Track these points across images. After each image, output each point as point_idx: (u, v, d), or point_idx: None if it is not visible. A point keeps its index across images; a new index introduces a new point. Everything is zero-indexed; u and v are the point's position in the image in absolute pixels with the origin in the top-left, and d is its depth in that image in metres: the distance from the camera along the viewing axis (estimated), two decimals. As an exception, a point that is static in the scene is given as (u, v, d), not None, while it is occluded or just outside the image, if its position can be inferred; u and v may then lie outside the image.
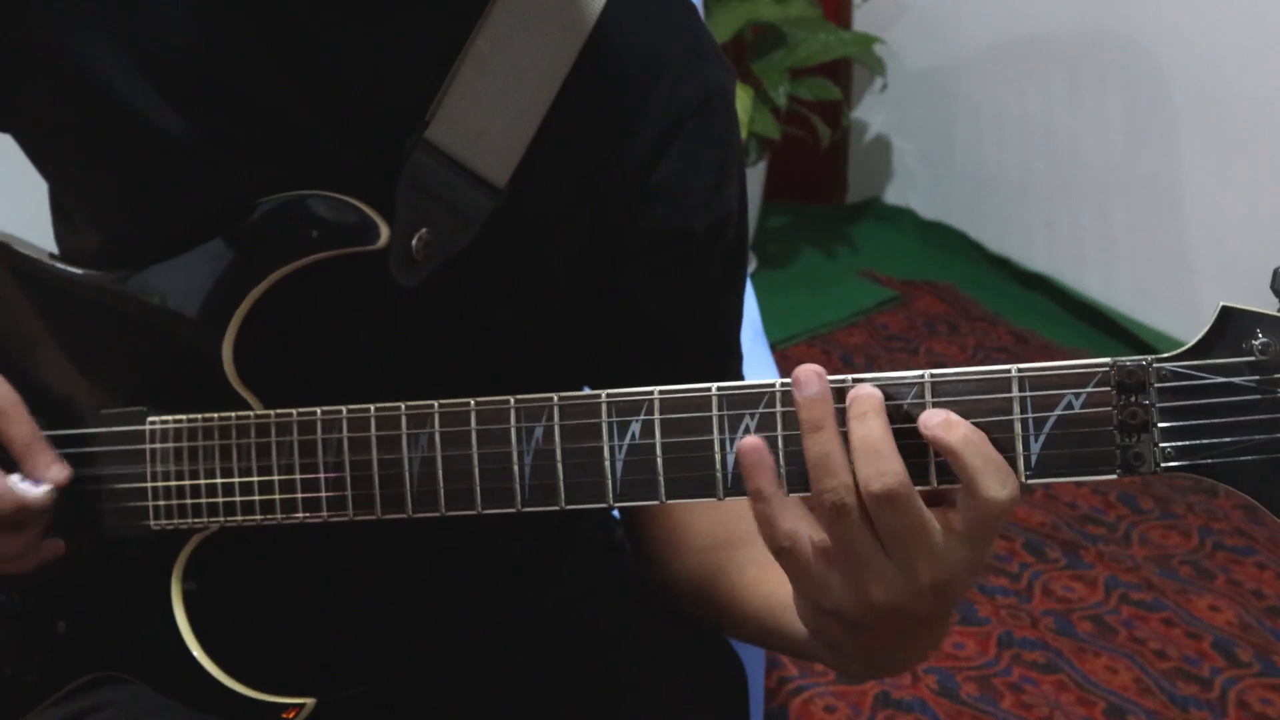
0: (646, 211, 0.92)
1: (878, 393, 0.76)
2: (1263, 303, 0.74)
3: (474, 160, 0.88)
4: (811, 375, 0.76)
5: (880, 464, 0.74)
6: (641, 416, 0.82)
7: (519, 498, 0.85)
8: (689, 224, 0.93)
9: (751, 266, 3.23)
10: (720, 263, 0.97)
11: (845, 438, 0.76)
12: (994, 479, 0.74)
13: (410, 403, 0.87)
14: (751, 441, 0.77)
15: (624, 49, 0.91)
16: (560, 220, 0.92)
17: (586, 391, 0.84)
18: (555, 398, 0.84)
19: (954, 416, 0.75)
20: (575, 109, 0.90)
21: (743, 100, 2.84)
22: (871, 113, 3.56)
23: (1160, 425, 0.75)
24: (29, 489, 0.92)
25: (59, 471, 0.93)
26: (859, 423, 0.75)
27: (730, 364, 1.03)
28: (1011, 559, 2.36)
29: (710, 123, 0.93)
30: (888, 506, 0.75)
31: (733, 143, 0.96)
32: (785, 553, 0.78)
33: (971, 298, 3.21)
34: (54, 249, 1.04)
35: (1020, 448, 0.77)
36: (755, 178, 3.18)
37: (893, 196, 3.60)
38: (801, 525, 0.77)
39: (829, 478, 0.75)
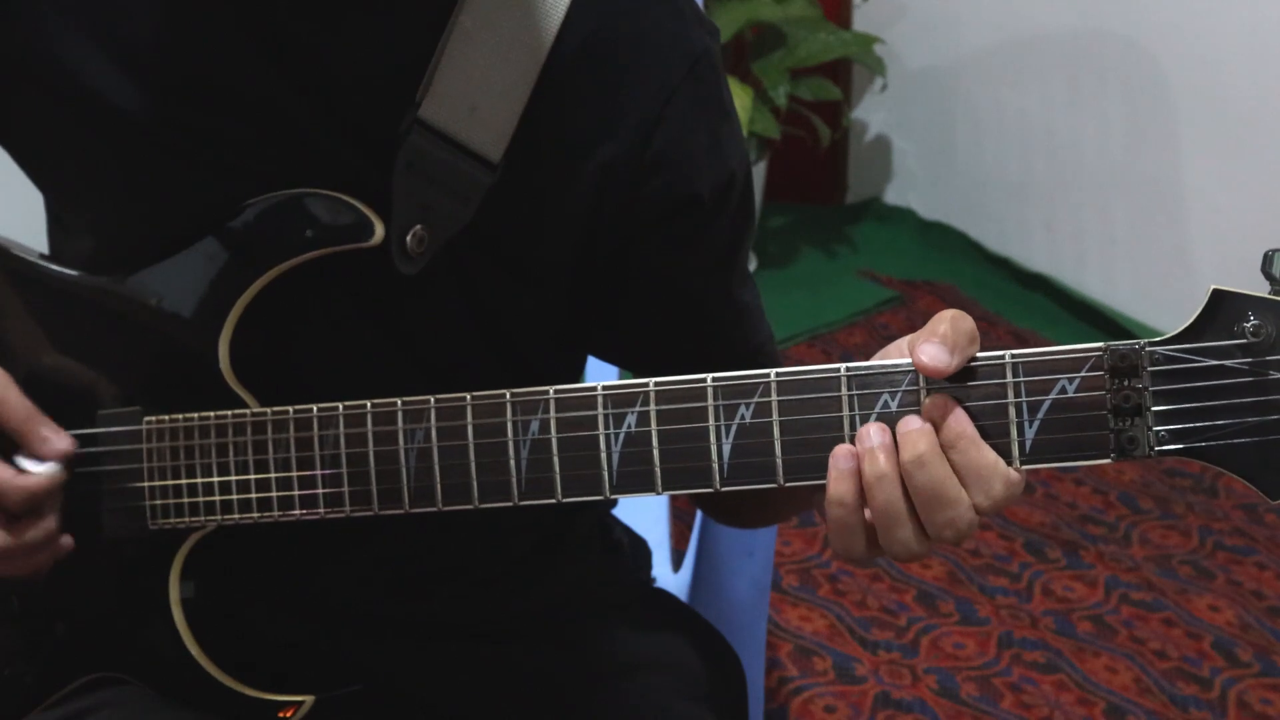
0: (651, 181, 0.92)
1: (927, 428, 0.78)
2: (1258, 291, 0.75)
3: (468, 136, 0.88)
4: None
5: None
6: (637, 408, 0.82)
7: (515, 491, 0.85)
8: (695, 189, 0.93)
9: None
10: (728, 223, 0.97)
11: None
12: None
13: (406, 398, 0.87)
14: (845, 449, 0.79)
15: (605, 18, 0.91)
16: (558, 193, 0.92)
17: (582, 384, 0.84)
18: (551, 390, 0.84)
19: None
20: (562, 80, 0.90)
21: (743, 100, 2.84)
22: (871, 113, 3.56)
23: (1154, 409, 0.75)
24: (34, 470, 0.91)
25: (60, 443, 0.92)
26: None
27: (750, 324, 1.02)
28: (1011, 559, 2.36)
29: (699, 86, 0.93)
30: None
31: (724, 103, 0.96)
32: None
33: (971, 298, 3.21)
34: (48, 253, 1.04)
35: (1015, 434, 0.77)
36: (755, 178, 3.17)
37: (893, 196, 3.60)
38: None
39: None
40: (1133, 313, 3.01)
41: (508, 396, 0.85)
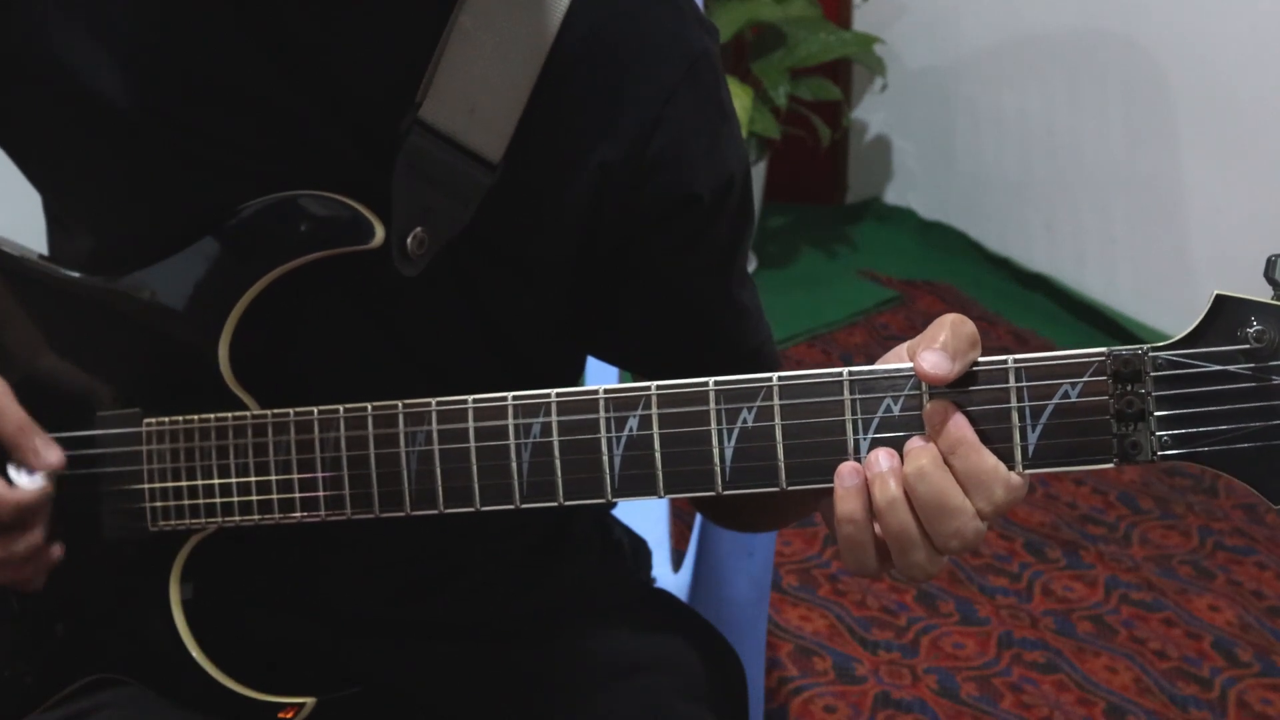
0: (650, 181, 0.92)
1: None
2: (1260, 296, 0.75)
3: (468, 136, 0.88)
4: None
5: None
6: (639, 411, 0.82)
7: (517, 494, 0.85)
8: (694, 190, 0.93)
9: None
10: (727, 224, 0.97)
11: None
12: None
13: (408, 400, 0.87)
14: (850, 466, 0.79)
15: (605, 18, 0.91)
16: (558, 193, 0.92)
17: (584, 387, 0.84)
18: (553, 393, 0.84)
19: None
20: (562, 80, 0.90)
21: (743, 100, 2.84)
22: (871, 113, 3.56)
23: (1156, 414, 0.75)
24: (24, 484, 0.91)
25: (51, 455, 0.92)
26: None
27: (749, 324, 1.02)
28: (1011, 559, 2.36)
29: (698, 87, 0.93)
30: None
31: (723, 104, 0.95)
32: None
33: (971, 298, 3.21)
34: (47, 253, 1.04)
35: (1017, 438, 0.77)
36: (755, 178, 3.18)
37: (893, 196, 3.60)
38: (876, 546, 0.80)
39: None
40: (1132, 312, 3.01)
41: (509, 399, 0.85)
